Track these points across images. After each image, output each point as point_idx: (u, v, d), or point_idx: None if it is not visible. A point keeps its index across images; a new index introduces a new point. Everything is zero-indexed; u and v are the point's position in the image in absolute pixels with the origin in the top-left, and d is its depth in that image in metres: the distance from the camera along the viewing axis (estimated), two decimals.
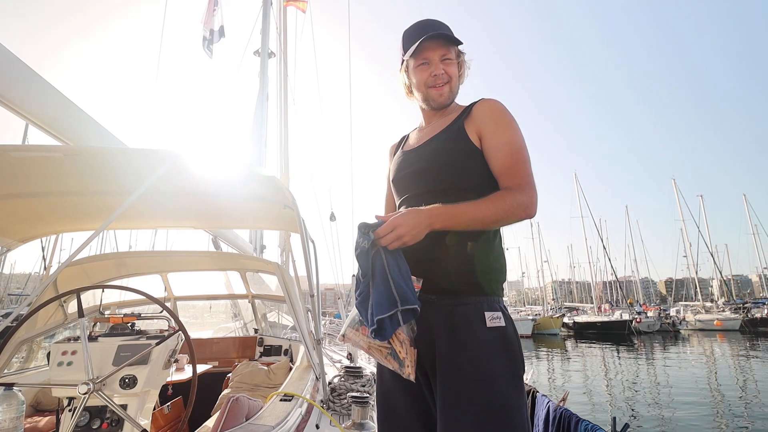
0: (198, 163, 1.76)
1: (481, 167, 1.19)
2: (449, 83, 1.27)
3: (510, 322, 1.11)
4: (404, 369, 1.04)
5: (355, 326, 1.10)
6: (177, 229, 3.67)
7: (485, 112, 1.22)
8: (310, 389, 2.40)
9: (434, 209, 1.06)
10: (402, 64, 1.34)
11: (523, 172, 1.14)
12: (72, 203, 2.16)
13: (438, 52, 1.24)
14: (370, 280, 1.03)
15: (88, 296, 2.82)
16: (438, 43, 1.24)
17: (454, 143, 1.21)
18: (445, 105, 1.30)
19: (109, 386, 1.70)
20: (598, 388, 10.93)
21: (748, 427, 7.34)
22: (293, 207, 2.14)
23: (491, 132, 1.18)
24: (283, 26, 7.47)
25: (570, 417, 2.09)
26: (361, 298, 1.04)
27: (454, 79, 1.28)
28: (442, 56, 1.25)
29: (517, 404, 1.02)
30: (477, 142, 1.19)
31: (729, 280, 46.94)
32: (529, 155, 1.18)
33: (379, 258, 1.03)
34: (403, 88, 1.38)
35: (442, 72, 1.25)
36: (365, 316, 1.02)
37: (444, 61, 1.25)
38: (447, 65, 1.26)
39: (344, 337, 1.13)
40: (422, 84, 1.28)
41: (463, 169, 1.19)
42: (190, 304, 5.07)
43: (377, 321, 0.97)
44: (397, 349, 1.05)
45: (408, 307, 0.98)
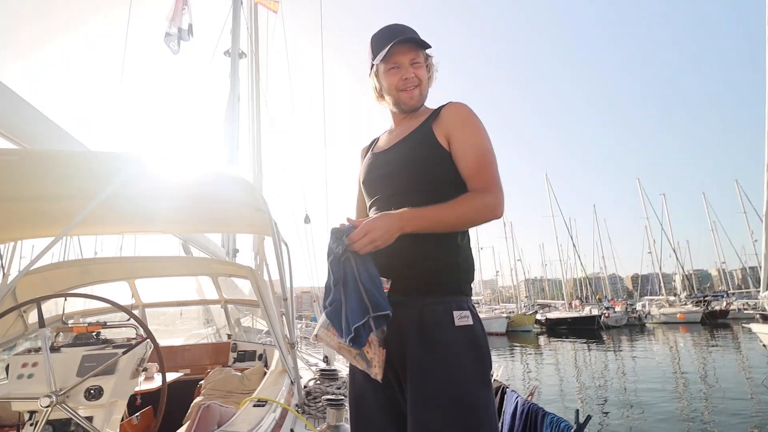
0: (165, 166, 1.72)
1: (448, 169, 1.21)
2: (419, 86, 1.29)
3: (477, 320, 1.14)
4: (372, 369, 1.06)
5: (326, 326, 1.11)
6: (145, 234, 3.57)
7: (453, 116, 1.24)
8: (284, 394, 2.38)
9: (405, 213, 1.08)
10: (372, 68, 1.35)
11: (491, 174, 1.18)
12: (31, 209, 2.07)
13: (408, 56, 1.27)
14: (342, 288, 1.03)
15: (50, 305, 2.71)
16: (407, 47, 1.26)
17: (422, 146, 1.23)
18: (415, 108, 1.32)
19: (74, 398, 1.64)
20: (570, 382, 11.26)
21: (709, 413, 7.72)
22: (265, 209, 2.12)
23: (459, 135, 1.21)
24: (254, 26, 7.38)
25: (537, 411, 2.16)
26: (334, 307, 1.04)
27: (424, 83, 1.30)
28: (411, 60, 1.27)
29: (485, 401, 1.05)
30: (445, 145, 1.22)
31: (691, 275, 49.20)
32: (495, 157, 1.22)
33: (349, 264, 1.04)
34: (373, 93, 1.39)
35: (412, 75, 1.27)
36: (338, 325, 1.02)
37: (413, 65, 1.27)
38: (417, 69, 1.28)
39: (317, 337, 1.13)
40: (393, 88, 1.29)
41: (431, 170, 1.21)
42: (160, 311, 4.94)
43: (354, 329, 0.98)
44: (365, 349, 1.06)
45: (380, 314, 0.99)
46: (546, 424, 2.00)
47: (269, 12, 8.19)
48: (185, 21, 6.95)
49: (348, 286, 1.02)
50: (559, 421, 1.96)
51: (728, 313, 30.73)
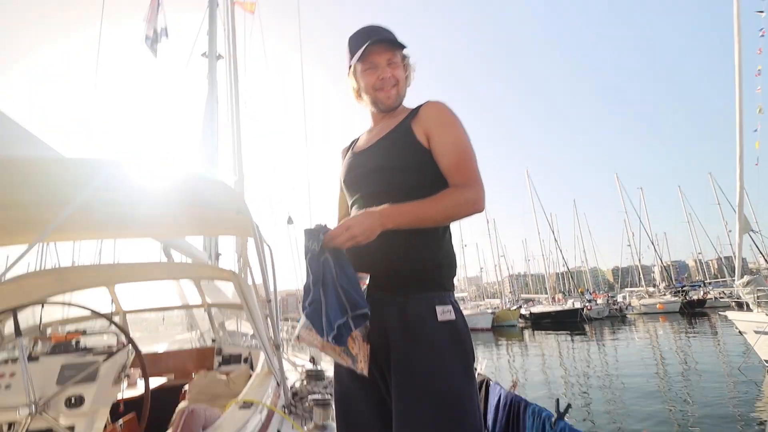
0: (142, 170, 1.71)
1: (428, 166, 1.23)
2: (396, 86, 1.31)
3: (460, 315, 1.16)
4: (357, 364, 1.07)
5: (308, 327, 1.11)
6: (124, 239, 3.52)
7: (432, 114, 1.26)
8: (271, 395, 2.38)
9: (386, 209, 1.10)
10: (350, 68, 1.36)
11: (470, 170, 1.20)
12: (4, 216, 2.03)
13: (384, 56, 1.29)
14: (321, 287, 1.04)
15: (27, 315, 2.64)
16: (383, 48, 1.29)
17: (402, 143, 1.25)
18: (393, 107, 1.34)
19: (54, 407, 1.62)
20: (554, 374, 11.47)
21: (688, 398, 7.96)
22: (245, 212, 2.12)
23: (438, 132, 1.23)
24: (231, 28, 7.29)
25: (519, 402, 2.21)
26: (313, 307, 1.04)
27: (401, 82, 1.32)
28: (388, 60, 1.29)
29: (468, 393, 1.07)
30: (424, 142, 1.23)
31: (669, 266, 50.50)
32: (474, 153, 1.24)
33: (328, 264, 1.05)
34: (352, 93, 1.41)
35: (389, 75, 1.29)
36: (319, 326, 1.03)
37: (390, 65, 1.29)
38: (393, 68, 1.30)
39: (299, 338, 1.14)
40: (370, 87, 1.31)
41: (411, 167, 1.23)
42: (142, 318, 4.86)
43: (336, 327, 0.99)
44: (349, 345, 1.07)
45: (358, 312, 1.01)
46: (528, 414, 2.05)
47: (246, 13, 8.12)
48: (160, 22, 6.84)
49: (327, 286, 1.03)
50: (541, 410, 2.01)
51: (705, 302, 31.65)
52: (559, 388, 9.67)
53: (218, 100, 6.59)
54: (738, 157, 9.59)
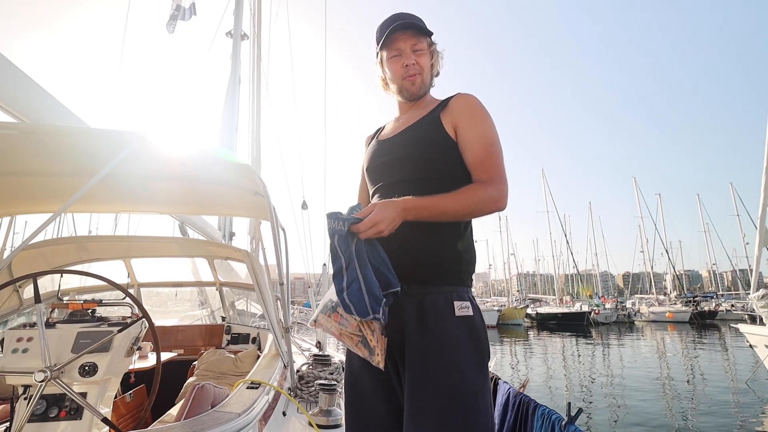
0: (165, 145, 1.71)
1: (454, 158, 1.21)
2: (421, 74, 1.28)
3: (477, 311, 1.15)
4: (374, 357, 1.06)
5: (327, 312, 1.10)
6: (141, 213, 3.56)
7: (461, 106, 1.24)
8: (277, 377, 2.40)
9: (408, 201, 1.08)
10: (377, 57, 1.35)
11: (496, 166, 1.18)
12: (28, 184, 2.06)
13: (409, 42, 1.27)
14: (357, 266, 1.03)
15: (45, 281, 2.70)
16: (408, 34, 1.27)
17: (429, 134, 1.23)
18: (418, 95, 1.32)
19: (68, 374, 1.65)
20: (558, 376, 11.41)
21: (693, 408, 7.87)
22: (264, 194, 2.11)
23: (466, 125, 1.21)
24: (257, 8, 7.26)
25: (528, 402, 2.19)
26: (353, 288, 1.01)
27: (426, 70, 1.30)
28: (413, 47, 1.27)
29: (482, 390, 1.06)
30: (452, 134, 1.21)
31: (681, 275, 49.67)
32: (501, 150, 1.22)
33: (360, 244, 1.04)
34: (380, 83, 1.39)
35: (413, 62, 1.27)
36: (362, 305, 0.99)
37: (416, 52, 1.27)
38: (419, 56, 1.28)
39: (316, 323, 1.13)
40: (396, 75, 1.29)
41: (437, 159, 1.21)
42: (154, 292, 4.95)
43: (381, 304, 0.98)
44: (368, 337, 1.06)
45: (391, 291, 1.01)
46: (537, 415, 2.03)
47: None
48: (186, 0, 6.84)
49: (363, 265, 1.02)
50: (551, 413, 1.99)
51: (717, 313, 31.15)
52: (561, 391, 9.63)
53: (240, 81, 6.59)
54: (765, 168, 9.31)
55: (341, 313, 1.06)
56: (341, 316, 1.06)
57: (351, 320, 1.06)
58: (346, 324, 1.06)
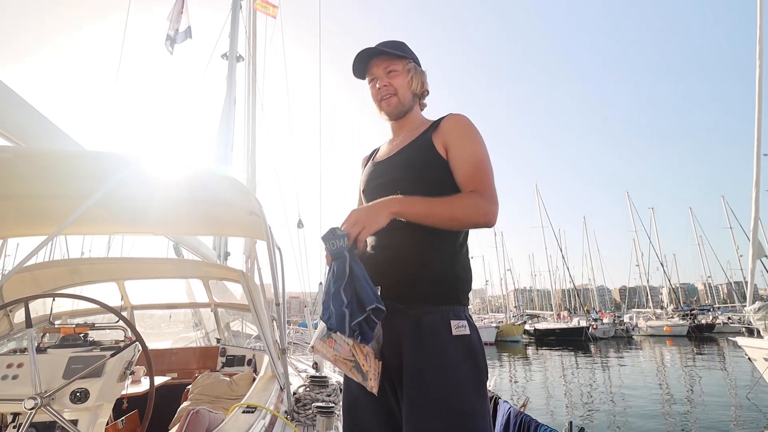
0: (160, 167, 1.71)
1: (447, 179, 1.22)
2: (396, 94, 1.31)
3: (474, 330, 1.14)
4: (367, 382, 1.05)
5: (323, 338, 1.09)
6: (135, 235, 3.53)
7: (452, 126, 1.25)
8: (274, 400, 2.36)
9: (396, 197, 1.11)
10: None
11: (486, 182, 1.18)
12: (21, 207, 2.04)
13: (381, 66, 1.32)
14: (348, 289, 1.02)
15: (37, 305, 2.66)
16: (380, 59, 1.32)
17: (421, 155, 1.24)
18: (396, 114, 1.34)
19: (59, 401, 1.61)
20: (558, 393, 11.28)
21: (694, 424, 7.77)
22: (259, 213, 2.11)
23: (457, 144, 1.22)
24: (252, 30, 7.38)
25: (530, 422, 2.16)
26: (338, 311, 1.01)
27: (402, 90, 1.32)
28: (385, 69, 1.31)
29: (481, 410, 1.05)
30: (444, 154, 1.23)
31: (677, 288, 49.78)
32: (492, 168, 1.22)
33: (353, 263, 1.04)
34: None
35: (386, 84, 1.31)
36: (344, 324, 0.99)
37: (389, 75, 1.31)
38: (393, 78, 1.31)
39: (314, 349, 1.12)
40: (375, 99, 1.35)
41: (429, 180, 1.22)
42: (147, 314, 4.87)
43: (356, 325, 0.97)
44: (360, 362, 1.05)
45: (373, 306, 0.98)
46: None
47: (268, 17, 8.22)
48: (183, 23, 6.94)
49: (348, 288, 1.01)
50: None
51: (714, 326, 31.12)
52: (562, 409, 9.51)
53: (236, 101, 6.65)
54: (754, 182, 9.45)
55: (335, 338, 1.05)
56: (335, 341, 1.05)
57: (344, 345, 1.05)
58: (339, 349, 1.05)
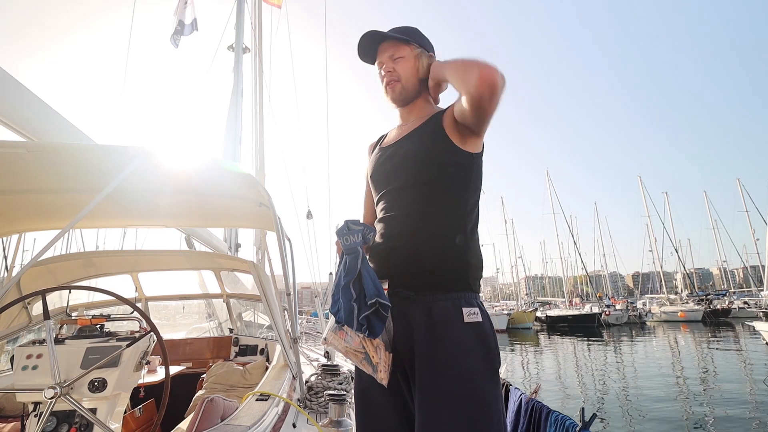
0: (170, 159, 1.72)
1: (458, 162, 1.20)
2: (400, 80, 1.31)
3: (486, 317, 1.13)
4: (378, 374, 1.05)
5: (334, 330, 1.10)
6: (148, 227, 3.58)
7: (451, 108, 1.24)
8: (286, 388, 2.39)
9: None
10: None
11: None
12: (36, 201, 2.08)
13: (386, 53, 1.32)
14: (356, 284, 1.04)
15: (54, 297, 2.72)
16: (385, 45, 1.32)
17: (430, 138, 1.23)
18: (400, 100, 1.33)
19: (78, 390, 1.65)
20: (570, 380, 11.27)
21: (710, 411, 7.72)
22: (269, 205, 2.12)
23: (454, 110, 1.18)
24: (258, 21, 7.34)
25: (541, 408, 2.16)
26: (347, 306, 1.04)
27: (405, 75, 1.31)
28: (391, 56, 1.31)
29: (494, 397, 1.05)
30: (455, 138, 1.19)
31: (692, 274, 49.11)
32: None
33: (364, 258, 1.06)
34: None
35: (390, 70, 1.31)
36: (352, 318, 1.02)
37: (396, 60, 1.30)
38: (398, 63, 1.30)
39: (326, 341, 1.13)
40: (382, 84, 1.35)
41: (440, 163, 1.20)
42: (162, 305, 4.95)
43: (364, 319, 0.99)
44: (371, 354, 1.05)
45: (378, 300, 1.01)
46: (550, 421, 2.00)
47: (273, 8, 8.16)
48: (188, 15, 6.93)
49: (357, 283, 1.03)
50: (564, 419, 1.96)
51: (730, 311, 30.72)
52: (574, 395, 9.51)
53: (243, 93, 6.65)
54: None
55: (346, 330, 1.06)
56: (346, 333, 1.06)
57: (354, 337, 1.06)
58: (350, 341, 1.06)
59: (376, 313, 0.99)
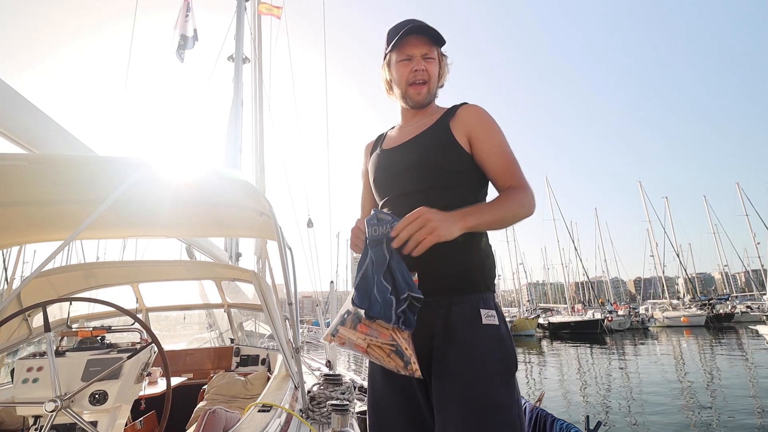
0: (171, 170, 1.72)
1: (466, 167, 1.18)
2: (428, 83, 1.25)
3: (503, 320, 1.11)
4: (410, 366, 0.99)
5: (349, 324, 1.03)
6: (148, 238, 3.58)
7: (474, 117, 1.21)
8: (288, 399, 2.37)
9: (462, 210, 1.04)
10: (384, 58, 1.30)
11: (520, 173, 1.17)
12: (37, 213, 2.08)
13: (420, 49, 1.23)
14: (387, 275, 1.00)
15: (54, 309, 2.71)
16: (421, 40, 1.24)
17: (440, 143, 1.20)
18: (421, 104, 1.29)
19: (78, 403, 1.64)
20: (573, 387, 11.18)
21: (715, 416, 7.65)
22: (270, 214, 2.12)
23: (483, 136, 1.19)
24: (257, 32, 7.40)
25: (546, 417, 2.14)
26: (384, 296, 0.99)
27: (433, 80, 1.27)
28: (423, 54, 1.24)
29: (510, 402, 1.02)
30: (464, 143, 1.19)
31: (693, 278, 48.94)
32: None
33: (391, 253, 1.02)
34: (383, 85, 1.35)
35: (422, 68, 1.23)
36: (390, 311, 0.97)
37: (426, 60, 1.24)
38: (429, 64, 1.24)
39: (334, 337, 1.05)
40: (402, 80, 1.26)
41: (449, 168, 1.18)
42: (162, 315, 4.94)
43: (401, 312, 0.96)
44: (403, 346, 0.99)
45: (414, 294, 0.97)
46: (555, 430, 1.98)
47: (272, 18, 8.23)
48: (189, 28, 6.99)
49: (388, 275, 1.00)
50: (569, 427, 1.94)
51: (733, 316, 30.57)
52: (579, 403, 9.42)
53: (243, 103, 6.68)
54: None
55: (369, 324, 1.01)
56: (369, 327, 1.01)
57: (383, 330, 1.00)
58: (376, 334, 1.00)
59: (410, 306, 0.97)
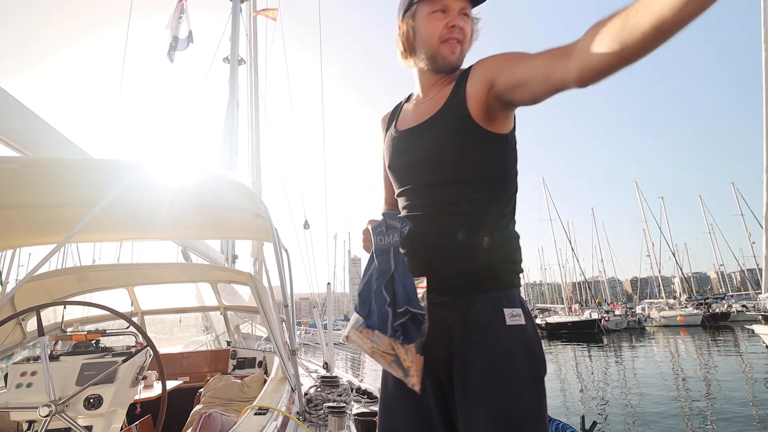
0: (165, 172, 1.72)
1: (484, 154, 1.04)
2: (462, 43, 1.07)
3: (529, 319, 1.01)
4: (409, 378, 0.96)
5: (358, 328, 1.02)
6: (144, 240, 3.56)
7: (487, 63, 1.01)
8: (285, 401, 2.36)
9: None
10: (406, 12, 1.11)
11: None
12: (31, 216, 2.06)
13: (459, 2, 1.06)
14: (390, 284, 0.97)
15: (48, 313, 2.69)
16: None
17: (455, 131, 1.04)
18: (454, 66, 1.09)
19: (73, 407, 1.63)
20: (570, 387, 11.20)
21: (712, 415, 7.68)
22: (266, 216, 2.11)
23: (508, 61, 0.96)
24: (253, 33, 7.40)
25: None
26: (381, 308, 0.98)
27: (467, 42, 1.09)
28: (461, 9, 1.06)
29: (539, 412, 0.93)
30: (481, 117, 1.01)
31: (690, 278, 49.22)
32: None
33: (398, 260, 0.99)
34: (398, 47, 1.16)
35: (461, 26, 1.05)
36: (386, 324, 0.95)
37: (462, 16, 1.06)
38: (465, 22, 1.07)
39: (348, 339, 1.05)
40: (434, 36, 1.06)
41: (465, 160, 1.04)
42: (158, 318, 4.92)
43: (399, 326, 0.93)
44: (401, 357, 0.96)
45: (417, 311, 0.93)
46: (552, 430, 1.98)
47: (268, 20, 8.23)
48: (183, 29, 6.98)
49: (390, 286, 0.98)
50: (565, 427, 1.94)
51: (729, 315, 30.75)
52: (575, 403, 9.44)
53: (239, 104, 6.67)
54: (765, 167, 9.33)
55: (371, 330, 0.99)
56: (372, 332, 0.99)
57: (383, 338, 0.98)
58: (378, 341, 0.98)
59: (412, 319, 0.93)
